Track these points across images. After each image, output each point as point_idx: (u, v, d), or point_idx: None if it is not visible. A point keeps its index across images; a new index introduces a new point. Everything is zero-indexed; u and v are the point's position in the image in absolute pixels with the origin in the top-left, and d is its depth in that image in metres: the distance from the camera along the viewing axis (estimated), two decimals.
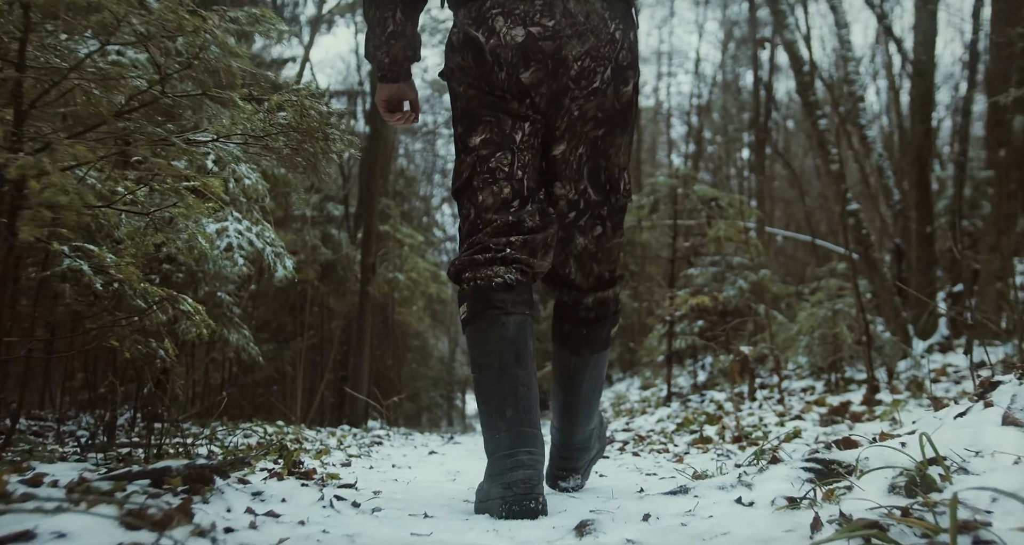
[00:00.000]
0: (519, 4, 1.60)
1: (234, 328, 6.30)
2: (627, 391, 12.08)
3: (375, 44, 1.76)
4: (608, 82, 1.64)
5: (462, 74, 1.68)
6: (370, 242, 9.27)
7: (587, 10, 1.61)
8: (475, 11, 1.64)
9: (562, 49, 1.60)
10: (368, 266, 9.22)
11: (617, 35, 1.65)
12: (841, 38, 6.62)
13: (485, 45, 1.61)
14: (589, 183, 1.72)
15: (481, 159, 1.66)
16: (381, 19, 1.73)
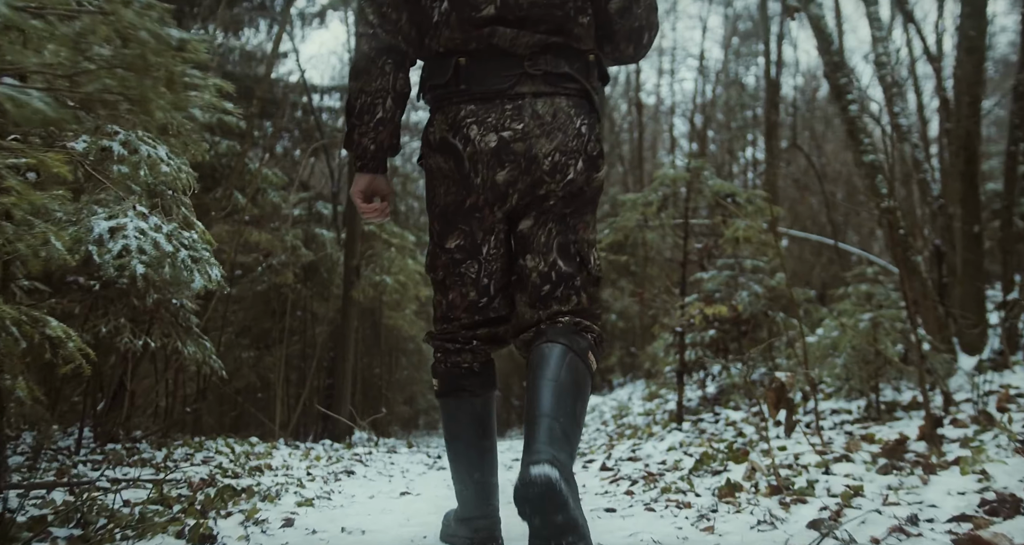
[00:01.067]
0: (491, 113, 1.69)
1: (192, 339, 5.59)
2: (629, 400, 11.35)
3: (361, 131, 1.79)
4: (581, 173, 1.72)
5: (441, 175, 1.78)
6: (354, 243, 8.55)
7: (554, 110, 1.70)
8: (451, 118, 1.72)
9: (532, 148, 1.68)
10: (352, 269, 8.51)
11: (583, 129, 1.73)
12: (870, 15, 5.90)
13: (463, 152, 1.70)
14: (559, 255, 1.76)
15: (454, 262, 1.81)
16: (371, 105, 1.77)
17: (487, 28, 1.69)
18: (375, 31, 1.75)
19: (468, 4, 1.68)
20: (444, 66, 1.73)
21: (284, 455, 6.36)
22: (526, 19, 1.69)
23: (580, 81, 1.75)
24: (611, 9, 1.78)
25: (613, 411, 10.46)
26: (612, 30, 1.81)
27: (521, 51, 1.71)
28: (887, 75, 5.72)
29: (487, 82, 1.69)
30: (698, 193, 5.17)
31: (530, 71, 1.70)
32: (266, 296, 9.33)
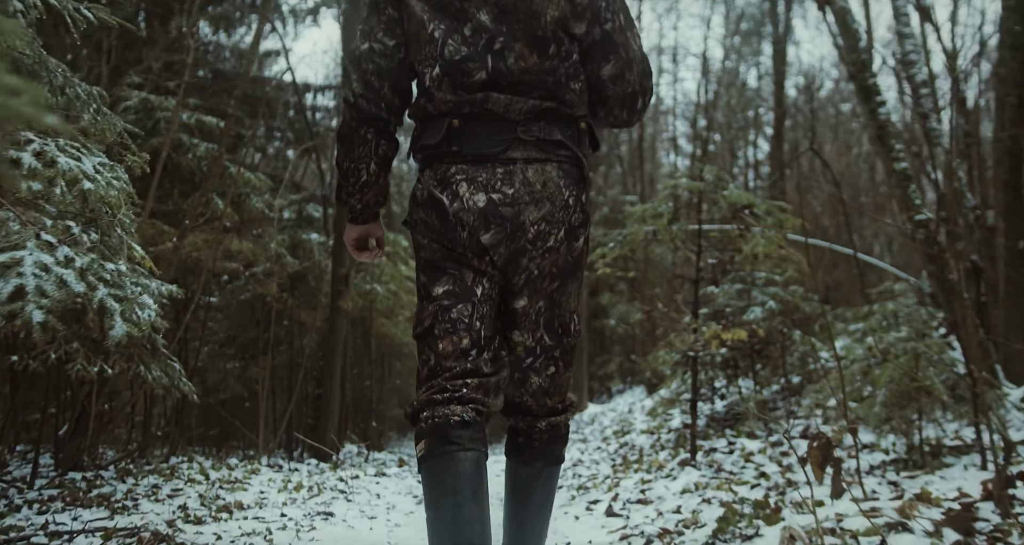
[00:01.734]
0: (481, 172, 1.67)
1: (158, 362, 5.09)
2: (630, 412, 10.87)
3: (348, 191, 1.83)
4: (561, 241, 1.73)
5: (426, 228, 1.75)
6: (342, 250, 8.04)
7: (544, 179, 1.69)
8: (440, 174, 1.71)
9: (520, 215, 1.67)
10: (340, 278, 8.00)
11: (571, 201, 1.73)
12: (897, 10, 5.40)
13: (449, 208, 1.68)
14: (545, 331, 1.81)
15: (443, 309, 1.72)
16: (355, 170, 1.79)
17: (480, 93, 1.68)
18: (356, 101, 1.75)
19: (459, 70, 1.66)
20: (437, 127, 1.71)
21: (263, 483, 5.86)
22: (519, 85, 1.68)
23: (572, 149, 1.74)
24: (604, 75, 1.76)
25: (614, 424, 9.97)
26: (606, 95, 1.79)
27: (515, 116, 1.69)
28: (916, 74, 5.23)
29: (480, 145, 1.68)
30: (712, 204, 4.68)
31: (523, 136, 1.69)
32: (250, 305, 8.83)
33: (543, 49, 1.68)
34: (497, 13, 1.67)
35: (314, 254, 9.06)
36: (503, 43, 1.66)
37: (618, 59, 1.75)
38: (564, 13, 1.68)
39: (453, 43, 1.67)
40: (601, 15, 1.72)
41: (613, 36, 1.74)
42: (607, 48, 1.74)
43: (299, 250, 9.19)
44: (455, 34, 1.67)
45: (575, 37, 1.73)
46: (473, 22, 1.67)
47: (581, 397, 14.17)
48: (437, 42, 1.67)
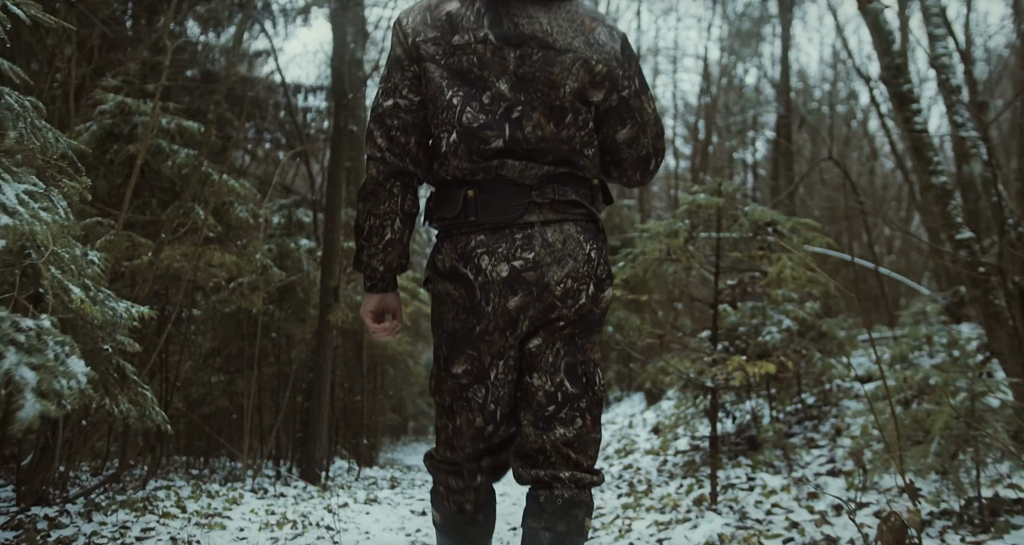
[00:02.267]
0: (501, 243, 1.67)
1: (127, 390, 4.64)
2: (630, 426, 10.45)
3: (370, 252, 1.77)
4: (592, 296, 1.72)
5: (450, 301, 1.74)
6: (332, 262, 7.60)
7: (564, 237, 1.69)
8: (460, 248, 1.70)
9: (544, 276, 1.67)
10: (329, 290, 7.56)
11: (592, 254, 1.72)
12: (927, 10, 5.00)
13: (475, 282, 1.67)
14: (566, 376, 1.74)
15: (461, 387, 1.76)
16: (380, 227, 1.75)
17: (495, 160, 1.67)
18: (383, 155, 1.72)
19: (476, 137, 1.66)
20: (453, 199, 1.71)
21: (244, 516, 5.42)
22: (534, 152, 1.68)
23: (586, 206, 1.74)
24: (620, 139, 1.77)
25: (616, 440, 9.54)
26: (620, 158, 1.81)
27: (529, 181, 1.70)
28: (949, 79, 4.81)
29: (496, 213, 1.68)
30: (732, 221, 4.26)
31: (537, 200, 1.69)
32: (236, 318, 8.37)
33: (560, 118, 1.68)
34: (516, 82, 1.66)
35: (303, 264, 8.60)
36: (521, 112, 1.66)
37: (634, 123, 1.76)
38: (583, 83, 1.68)
39: (471, 110, 1.66)
40: (619, 83, 1.71)
41: (629, 102, 1.74)
42: (623, 113, 1.75)
43: (287, 260, 8.73)
44: (473, 101, 1.66)
45: (592, 104, 1.73)
46: (492, 90, 1.66)
47: None
48: (455, 109, 1.66)
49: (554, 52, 1.65)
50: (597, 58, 1.67)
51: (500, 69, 1.65)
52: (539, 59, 1.65)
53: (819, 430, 5.65)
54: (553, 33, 1.66)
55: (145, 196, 7.06)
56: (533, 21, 1.66)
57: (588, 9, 1.73)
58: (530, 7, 1.67)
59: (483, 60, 1.65)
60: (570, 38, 1.66)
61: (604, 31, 1.71)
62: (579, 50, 1.66)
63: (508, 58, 1.65)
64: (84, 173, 2.50)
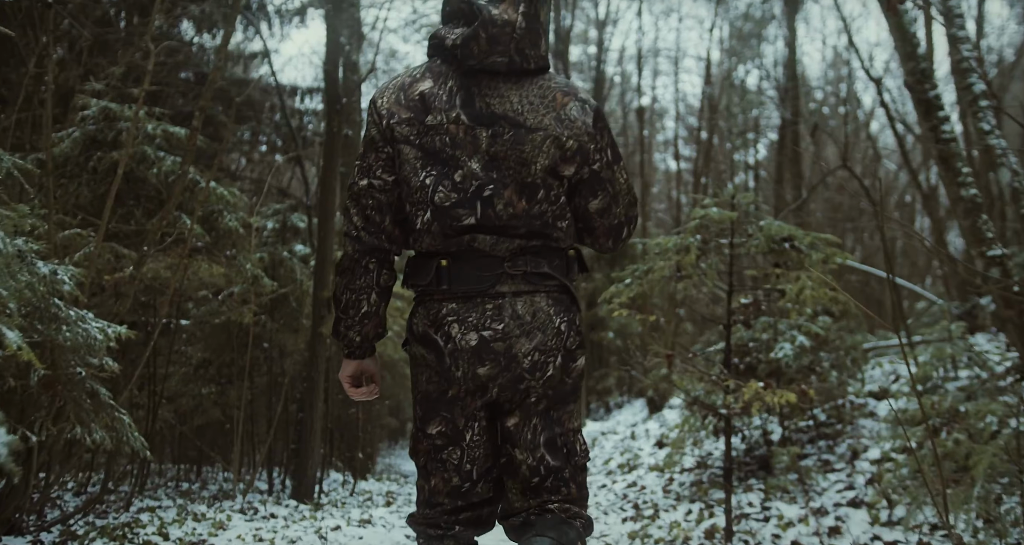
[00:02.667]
0: (472, 312, 1.69)
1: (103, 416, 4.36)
2: (632, 437, 10.16)
3: (347, 324, 1.81)
4: (559, 367, 1.72)
5: (424, 364, 1.77)
6: (324, 272, 7.31)
7: (534, 310, 1.71)
8: (433, 314, 1.72)
9: (512, 347, 1.68)
10: (322, 301, 7.27)
11: (563, 327, 1.73)
12: (949, 11, 4.71)
13: (444, 349, 1.70)
14: (546, 450, 1.76)
15: (436, 448, 1.78)
16: (356, 301, 1.78)
17: (467, 235, 1.69)
18: (359, 234, 1.76)
19: (449, 215, 1.68)
20: (426, 267, 1.74)
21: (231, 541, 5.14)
22: (505, 227, 1.70)
23: (558, 278, 1.75)
24: (592, 209, 1.79)
25: (617, 453, 9.25)
26: (592, 227, 1.82)
27: (501, 254, 1.71)
28: (973, 85, 4.53)
29: (468, 282, 1.70)
30: (746, 237, 3.98)
31: (510, 271, 1.71)
32: (226, 328, 8.08)
33: (532, 194, 1.69)
34: (488, 160, 1.67)
35: (295, 273, 8.30)
36: (492, 190, 1.67)
37: (605, 194, 1.78)
38: (554, 160, 1.69)
39: (443, 190, 1.68)
40: (590, 157, 1.73)
41: (600, 174, 1.76)
42: (595, 185, 1.76)
43: (280, 269, 8.44)
44: (446, 180, 1.68)
45: (563, 178, 1.73)
46: (464, 169, 1.67)
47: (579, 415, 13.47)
48: (428, 189, 1.68)
49: (525, 131, 1.67)
50: (568, 134, 1.69)
51: (472, 148, 1.67)
52: (510, 138, 1.67)
53: (834, 451, 5.37)
54: (524, 112, 1.68)
55: (130, 205, 6.77)
56: (504, 100, 1.68)
57: (560, 83, 1.74)
58: (501, 85, 1.69)
59: (455, 140, 1.67)
60: (541, 116, 1.68)
61: (576, 106, 1.72)
62: (550, 128, 1.67)
63: (480, 137, 1.67)
64: (49, 188, 2.21)
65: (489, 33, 1.62)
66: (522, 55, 1.66)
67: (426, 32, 19.79)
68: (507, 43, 1.63)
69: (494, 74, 1.69)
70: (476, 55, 1.64)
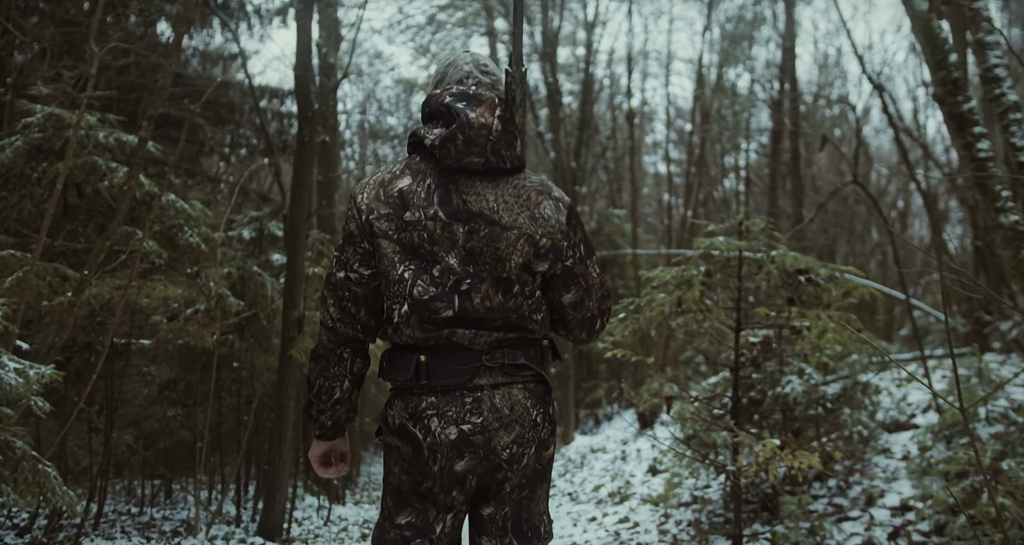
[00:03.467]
0: (451, 406, 1.70)
1: (19, 472, 3.82)
2: (623, 458, 9.65)
3: (319, 408, 1.83)
4: (533, 456, 1.76)
5: (398, 456, 1.76)
6: (295, 290, 6.75)
7: (512, 403, 1.73)
8: (412, 408, 1.72)
9: (491, 440, 1.71)
10: (292, 322, 6.71)
11: (539, 419, 1.76)
12: (975, 14, 4.22)
13: (423, 442, 1.70)
14: (513, 536, 1.79)
15: (404, 539, 1.76)
16: (329, 388, 1.81)
17: (446, 329, 1.71)
18: (334, 325, 1.79)
19: (427, 308, 1.70)
20: (405, 363, 1.75)
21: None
22: (483, 320, 1.72)
23: (535, 369, 1.77)
24: (565, 302, 1.82)
25: (608, 477, 8.74)
26: (566, 319, 1.85)
27: (479, 347, 1.73)
28: (1004, 93, 4.04)
29: (447, 376, 1.73)
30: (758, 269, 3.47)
31: (488, 364, 1.73)
32: (192, 348, 7.50)
33: (508, 289, 1.73)
34: (465, 256, 1.71)
35: (266, 290, 7.74)
36: (470, 284, 1.71)
37: (578, 288, 1.82)
38: (528, 257, 1.73)
39: (422, 284, 1.70)
40: (563, 254, 1.77)
41: (573, 269, 1.80)
42: (568, 280, 1.81)
43: (250, 284, 7.87)
44: (424, 275, 1.71)
45: (537, 274, 1.78)
46: (442, 264, 1.71)
47: (568, 428, 12.95)
48: (407, 282, 1.71)
49: (500, 228, 1.70)
50: (542, 232, 1.73)
51: (449, 244, 1.70)
52: (486, 235, 1.70)
53: (846, 494, 4.87)
54: (499, 210, 1.72)
55: (81, 220, 6.20)
56: (480, 198, 1.72)
57: (535, 182, 1.78)
58: (478, 184, 1.72)
59: (433, 236, 1.70)
60: (516, 214, 1.72)
61: (549, 204, 1.76)
62: (524, 226, 1.72)
63: (457, 233, 1.70)
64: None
65: (466, 135, 1.67)
66: (498, 156, 1.71)
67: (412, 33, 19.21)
68: (483, 145, 1.69)
69: (471, 173, 1.73)
70: (453, 155, 1.69)
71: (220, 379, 7.91)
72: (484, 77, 1.81)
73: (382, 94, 20.81)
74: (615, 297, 15.11)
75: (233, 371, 8.20)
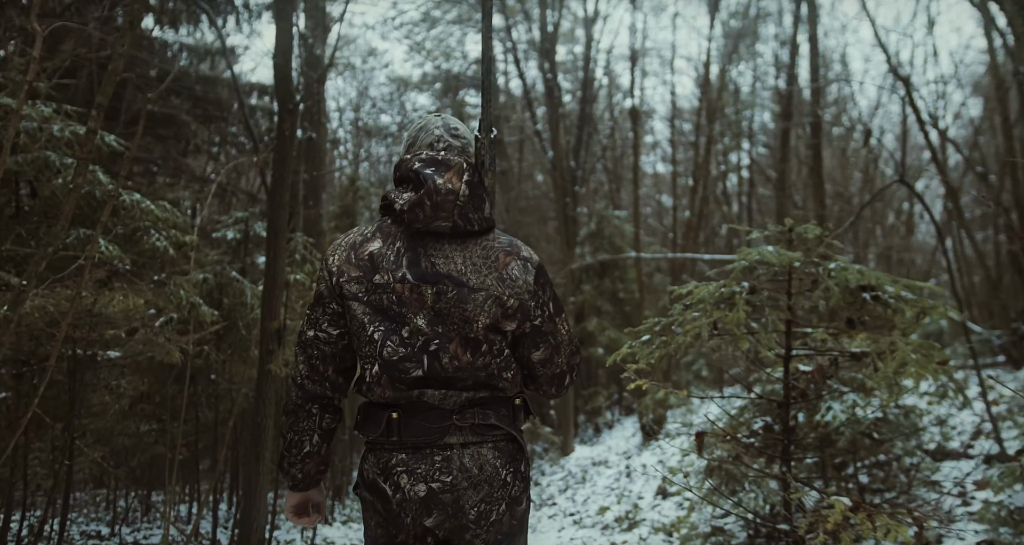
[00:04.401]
0: (420, 463, 1.70)
1: None
2: (627, 475, 9.01)
3: (290, 461, 1.84)
4: (503, 513, 1.74)
5: (372, 510, 1.77)
6: (273, 299, 6.09)
7: (481, 463, 1.72)
8: (383, 464, 1.73)
9: (459, 500, 1.70)
10: (270, 334, 6.06)
11: (508, 478, 1.74)
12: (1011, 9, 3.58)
13: (392, 498, 1.71)
14: None
15: None
16: (299, 442, 1.82)
17: (416, 390, 1.71)
18: (303, 382, 1.80)
19: (397, 368, 1.70)
20: (377, 419, 1.74)
21: None
22: (452, 379, 1.71)
23: (505, 428, 1.76)
24: (535, 359, 1.81)
25: (614, 500, 8.10)
26: (536, 375, 1.85)
27: (450, 406, 1.72)
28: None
29: (418, 434, 1.71)
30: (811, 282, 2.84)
31: (458, 423, 1.71)
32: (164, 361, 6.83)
33: (476, 348, 1.72)
34: (433, 316, 1.71)
35: (246, 297, 7.08)
36: (438, 345, 1.70)
37: (547, 346, 1.81)
38: (495, 317, 1.72)
39: (391, 344, 1.71)
40: (531, 313, 1.77)
41: (542, 328, 1.79)
42: (536, 338, 1.80)
43: (228, 290, 7.22)
44: (393, 336, 1.71)
45: (506, 333, 1.77)
46: (411, 325, 1.71)
47: (567, 438, 12.30)
48: (377, 343, 1.71)
49: (468, 290, 1.70)
50: (509, 293, 1.73)
51: (418, 305, 1.71)
52: (454, 296, 1.70)
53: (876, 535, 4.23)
54: (467, 272, 1.72)
55: (34, 222, 5.55)
56: (449, 260, 1.72)
57: (504, 243, 1.78)
58: (446, 246, 1.73)
59: (401, 298, 1.71)
60: (483, 276, 1.72)
61: (518, 265, 1.76)
62: (491, 288, 1.72)
63: (425, 294, 1.71)
64: None
65: (434, 201, 1.69)
66: (465, 219, 1.71)
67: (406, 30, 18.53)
68: (450, 210, 1.70)
69: (440, 235, 1.73)
70: (421, 219, 1.70)
71: (196, 393, 7.26)
72: (455, 140, 1.83)
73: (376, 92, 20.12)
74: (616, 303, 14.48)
75: (211, 384, 7.55)
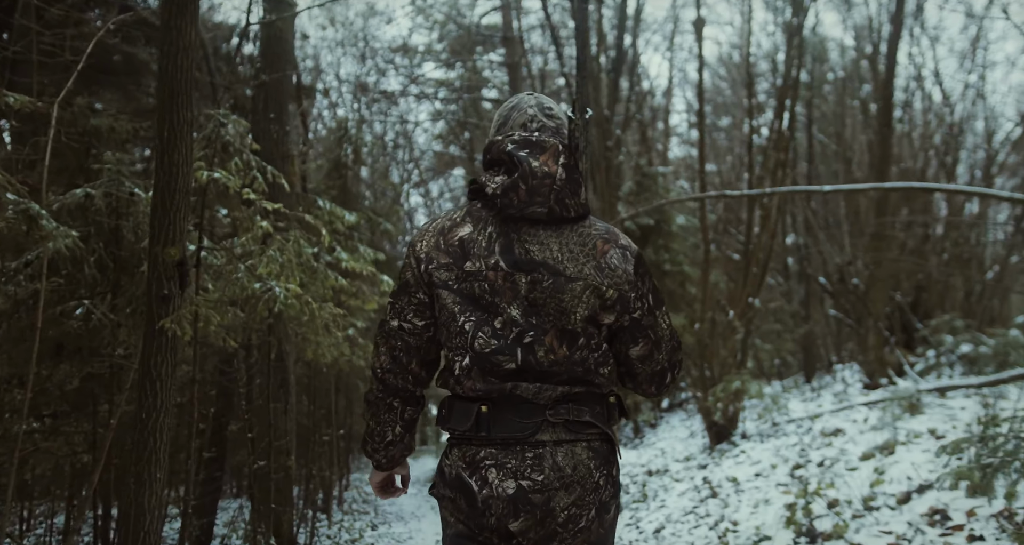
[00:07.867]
0: (511, 458, 1.59)
1: None
2: (712, 494, 6.27)
3: (374, 447, 1.78)
4: (592, 520, 1.62)
5: (453, 507, 1.65)
6: (171, 210, 3.40)
7: (574, 462, 1.60)
8: (469, 457, 1.62)
9: (550, 501, 1.58)
10: (167, 268, 3.37)
11: (601, 481, 1.63)
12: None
13: (477, 494, 1.59)
14: None
15: None
16: (381, 432, 1.75)
17: (510, 383, 1.60)
18: (384, 375, 1.72)
19: (489, 361, 1.59)
20: (466, 412, 1.62)
21: None
22: (547, 374, 1.61)
23: (600, 426, 1.65)
24: (633, 355, 1.69)
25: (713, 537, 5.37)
26: (634, 372, 1.73)
27: (544, 401, 1.61)
28: None
29: (509, 429, 1.60)
30: None
31: (551, 419, 1.61)
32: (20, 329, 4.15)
33: (573, 341, 1.61)
34: (528, 307, 1.60)
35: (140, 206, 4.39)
36: (533, 337, 1.60)
37: (647, 341, 1.69)
38: (594, 309, 1.63)
39: (483, 336, 1.60)
40: (630, 305, 1.65)
41: (641, 321, 1.67)
42: (636, 332, 1.68)
43: (127, 215, 4.53)
44: (485, 326, 1.61)
45: (604, 326, 1.67)
46: (504, 316, 1.60)
47: None
48: (468, 334, 1.61)
49: (564, 279, 1.60)
50: (608, 283, 1.62)
51: (511, 295, 1.60)
52: (550, 285, 1.59)
53: None
54: (563, 260, 1.61)
55: None
56: (544, 247, 1.61)
57: (601, 230, 1.66)
58: (541, 232, 1.62)
59: (494, 286, 1.60)
60: (581, 264, 1.61)
61: (617, 253, 1.64)
62: (589, 277, 1.61)
63: (519, 283, 1.60)
64: None
65: (529, 185, 1.58)
66: (562, 205, 1.61)
67: None
68: (547, 194, 1.59)
69: (534, 221, 1.62)
70: (516, 205, 1.59)
71: (69, 373, 4.58)
72: (548, 121, 1.70)
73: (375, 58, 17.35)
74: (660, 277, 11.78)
75: (103, 358, 4.82)
